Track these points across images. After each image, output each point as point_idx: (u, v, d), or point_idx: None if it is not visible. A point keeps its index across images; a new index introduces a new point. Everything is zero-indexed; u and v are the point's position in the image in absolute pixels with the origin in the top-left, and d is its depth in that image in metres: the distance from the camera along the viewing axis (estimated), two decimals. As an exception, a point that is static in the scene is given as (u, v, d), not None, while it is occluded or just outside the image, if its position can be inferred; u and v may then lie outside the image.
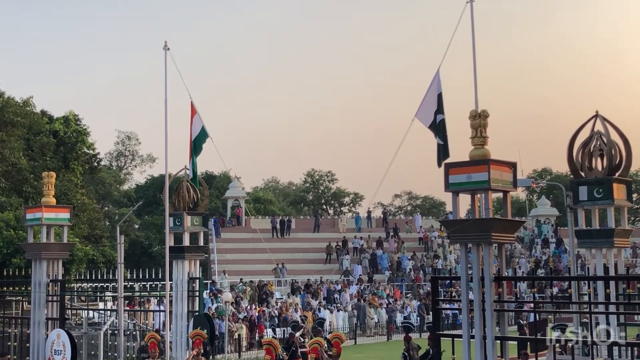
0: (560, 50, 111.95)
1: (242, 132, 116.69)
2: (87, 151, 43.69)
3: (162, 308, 25.65)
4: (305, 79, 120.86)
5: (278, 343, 18.37)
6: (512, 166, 13.06)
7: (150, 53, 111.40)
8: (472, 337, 12.92)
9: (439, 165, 15.75)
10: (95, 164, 46.70)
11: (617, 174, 14.78)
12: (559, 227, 57.23)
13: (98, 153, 47.30)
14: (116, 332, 22.71)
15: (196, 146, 20.43)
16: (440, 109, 16.57)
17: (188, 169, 21.38)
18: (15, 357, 21.59)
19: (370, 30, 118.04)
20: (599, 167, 14.96)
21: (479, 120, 13.05)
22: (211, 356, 24.39)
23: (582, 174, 15.07)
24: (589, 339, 13.11)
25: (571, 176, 15.67)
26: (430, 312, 28.17)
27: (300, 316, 33.05)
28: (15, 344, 21.89)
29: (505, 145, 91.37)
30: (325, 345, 17.66)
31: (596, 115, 15.15)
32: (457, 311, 34.89)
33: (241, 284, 40.73)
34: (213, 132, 20.80)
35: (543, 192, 74.76)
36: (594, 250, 15.17)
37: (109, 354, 22.97)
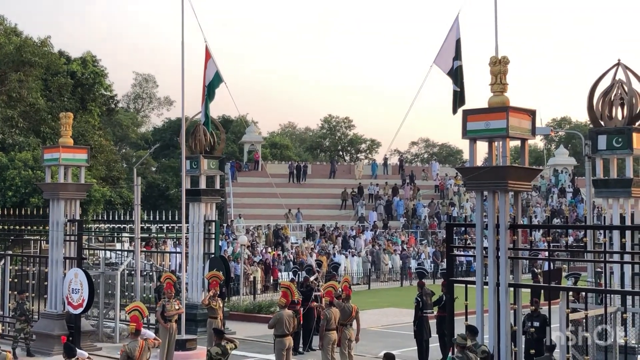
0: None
1: (259, 77, 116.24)
2: (105, 93, 43.68)
3: (178, 250, 25.89)
4: (324, 24, 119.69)
5: (295, 288, 18.52)
6: (532, 114, 12.93)
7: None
8: (486, 284, 12.98)
9: (454, 112, 15.65)
10: (113, 105, 46.73)
11: (637, 124, 14.62)
12: (576, 177, 56.98)
13: (115, 95, 47.35)
14: (133, 272, 23.01)
15: (210, 91, 20.32)
16: (458, 55, 16.36)
17: (202, 113, 21.34)
18: (33, 294, 21.95)
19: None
20: (619, 117, 14.80)
21: (499, 66, 12.90)
22: (227, 297, 24.70)
23: (602, 122, 14.92)
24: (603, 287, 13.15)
25: (590, 125, 15.51)
26: (444, 259, 28.33)
27: (316, 260, 33.30)
28: (34, 282, 22.25)
29: (525, 92, 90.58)
30: (340, 289, 17.81)
31: (618, 64, 14.94)
32: (471, 258, 35.08)
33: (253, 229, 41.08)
34: (229, 76, 20.70)
35: (561, 141, 74.27)
36: (611, 200, 15.09)
37: (126, 293, 23.28)
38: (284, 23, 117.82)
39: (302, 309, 19.58)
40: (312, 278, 22.48)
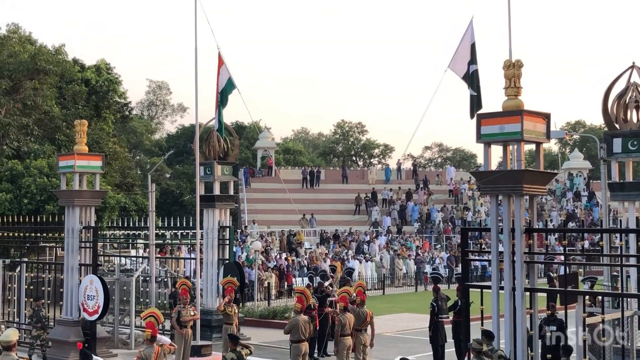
0: None
1: (272, 83, 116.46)
2: (119, 100, 43.88)
3: (192, 256, 25.95)
4: (337, 28, 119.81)
5: (310, 293, 18.51)
6: (546, 117, 12.87)
7: (181, 0, 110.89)
8: (502, 288, 12.92)
9: (472, 116, 15.60)
10: (127, 113, 46.95)
11: (652, 126, 14.54)
12: (591, 181, 56.69)
13: (129, 102, 47.57)
14: (148, 278, 23.07)
15: (223, 97, 20.39)
16: (473, 59, 16.35)
17: (215, 120, 21.41)
18: (49, 301, 22.03)
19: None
20: (634, 119, 14.74)
21: (512, 70, 12.85)
22: (241, 303, 24.72)
23: (617, 125, 14.85)
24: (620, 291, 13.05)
25: (605, 128, 15.44)
26: (459, 264, 28.23)
27: (330, 266, 33.28)
28: (49, 289, 22.33)
29: (539, 96, 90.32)
30: (354, 294, 17.79)
31: (632, 67, 14.88)
32: (485, 263, 34.91)
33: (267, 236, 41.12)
34: (243, 83, 20.85)
35: (576, 144, 73.95)
36: (627, 203, 15.01)
37: (141, 299, 23.34)
38: (297, 29, 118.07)
39: (318, 315, 19.56)
40: (326, 283, 22.47)
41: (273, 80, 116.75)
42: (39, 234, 24.12)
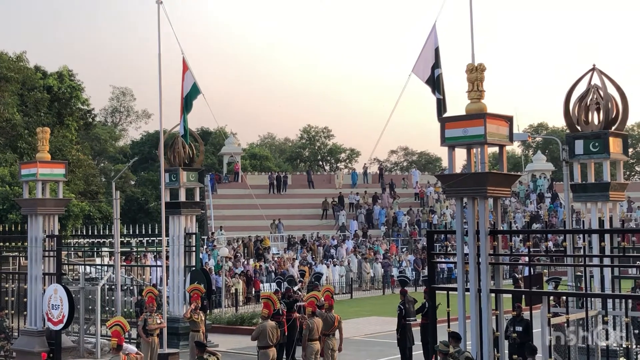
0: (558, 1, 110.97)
1: (237, 88, 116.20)
2: (82, 107, 43.44)
3: (159, 263, 25.76)
4: (301, 33, 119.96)
5: (277, 298, 18.48)
6: (508, 120, 13.00)
7: (144, 7, 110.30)
8: (467, 290, 13.01)
9: (439, 119, 15.70)
10: (90, 119, 46.49)
11: (613, 128, 14.75)
12: (554, 182, 57.37)
13: (93, 109, 47.10)
14: (113, 287, 22.84)
15: (187, 103, 20.27)
16: (437, 64, 16.44)
17: (180, 126, 21.28)
18: (12, 311, 21.72)
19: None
20: (596, 121, 14.92)
21: (475, 73, 12.96)
22: (208, 310, 24.60)
23: (579, 127, 15.04)
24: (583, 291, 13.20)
25: (567, 131, 15.63)
26: (426, 267, 28.36)
27: (299, 271, 33.29)
28: (13, 298, 22.02)
29: (501, 99, 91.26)
30: (322, 299, 17.80)
31: (593, 69, 15.07)
32: (452, 265, 35.12)
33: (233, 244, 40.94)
34: (207, 88, 20.70)
35: (539, 147, 74.78)
36: (589, 204, 15.19)
37: (107, 308, 23.10)
38: (260, 34, 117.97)
39: (286, 320, 19.52)
40: (295, 288, 22.46)
41: (238, 85, 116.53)
42: (1, 243, 23.77)
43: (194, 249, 23.44)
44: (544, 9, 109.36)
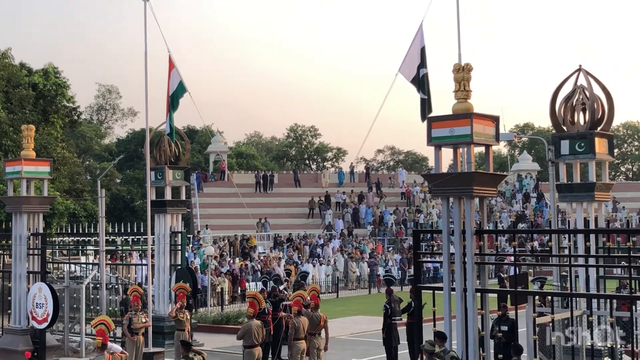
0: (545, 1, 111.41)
1: (224, 87, 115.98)
2: (67, 104, 43.28)
3: (144, 262, 25.66)
4: (288, 32, 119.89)
5: (262, 297, 18.44)
6: (495, 120, 13.02)
7: (130, 4, 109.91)
8: (453, 289, 13.02)
9: (423, 119, 15.67)
10: (76, 117, 46.30)
11: (599, 128, 14.82)
12: (540, 182, 57.62)
13: (78, 106, 46.98)
14: (98, 285, 22.73)
15: (173, 101, 20.19)
16: (423, 63, 16.43)
17: (166, 124, 21.20)
18: (-4, 310, 21.59)
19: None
20: (581, 122, 14.99)
21: (462, 73, 12.96)
22: (194, 309, 24.53)
23: (564, 128, 15.10)
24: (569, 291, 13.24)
25: (553, 131, 15.68)
26: (412, 266, 28.38)
27: (286, 270, 33.23)
28: (-3, 297, 21.88)
29: (487, 100, 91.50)
30: (308, 298, 17.78)
31: (579, 70, 15.13)
32: (438, 264, 35.19)
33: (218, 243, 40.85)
34: (194, 86, 20.62)
35: (525, 147, 75.04)
36: (575, 204, 15.25)
37: (91, 307, 22.99)
38: (248, 32, 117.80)
39: (272, 319, 19.48)
40: (281, 287, 22.42)
41: (225, 84, 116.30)
42: (-15, 242, 23.62)
43: (179, 247, 23.37)
44: (544, 8, 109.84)
